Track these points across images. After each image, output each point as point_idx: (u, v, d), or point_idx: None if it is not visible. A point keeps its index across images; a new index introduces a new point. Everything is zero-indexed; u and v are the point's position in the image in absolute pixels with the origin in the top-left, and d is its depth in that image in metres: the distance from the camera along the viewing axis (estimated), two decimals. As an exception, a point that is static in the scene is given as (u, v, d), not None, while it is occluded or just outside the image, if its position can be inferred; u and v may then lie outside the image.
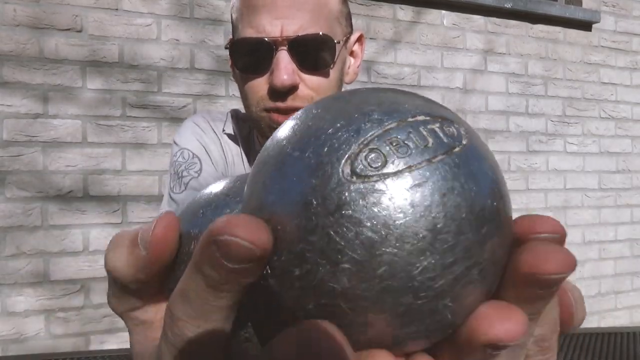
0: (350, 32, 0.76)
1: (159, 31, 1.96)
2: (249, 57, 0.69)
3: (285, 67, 0.66)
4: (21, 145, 1.77)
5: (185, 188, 0.75)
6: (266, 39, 0.66)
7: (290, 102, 0.68)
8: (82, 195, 1.84)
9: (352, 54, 0.78)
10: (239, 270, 0.14)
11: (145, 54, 1.94)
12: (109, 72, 1.89)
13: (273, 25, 0.66)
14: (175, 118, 1.97)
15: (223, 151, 0.80)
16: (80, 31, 1.85)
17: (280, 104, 0.68)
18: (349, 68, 0.77)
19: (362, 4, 2.30)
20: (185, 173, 0.76)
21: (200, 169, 0.76)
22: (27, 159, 1.78)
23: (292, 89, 0.67)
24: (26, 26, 1.78)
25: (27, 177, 1.78)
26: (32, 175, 1.78)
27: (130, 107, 1.92)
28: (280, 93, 0.67)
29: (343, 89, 0.77)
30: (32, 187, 1.78)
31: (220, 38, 2.05)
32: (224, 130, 0.81)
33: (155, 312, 0.21)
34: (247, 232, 0.14)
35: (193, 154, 0.78)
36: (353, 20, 0.79)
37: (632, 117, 2.94)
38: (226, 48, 0.74)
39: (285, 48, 0.66)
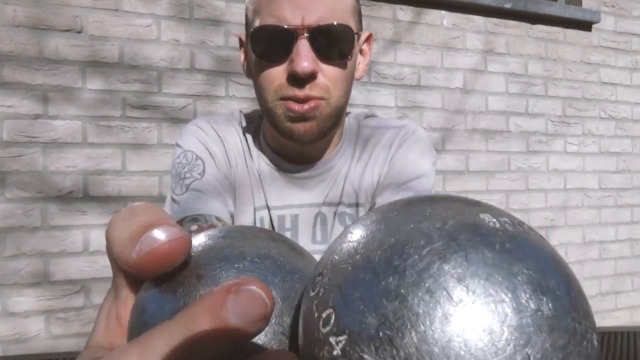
0: (361, 30, 0.77)
1: (158, 32, 1.96)
2: (269, 44, 0.70)
3: (306, 54, 0.67)
4: (21, 145, 1.77)
5: (187, 190, 0.75)
6: (287, 27, 0.68)
7: (307, 91, 0.69)
8: (83, 196, 1.84)
9: (361, 51, 0.80)
10: (234, 331, 0.15)
11: (145, 55, 1.94)
12: (109, 72, 1.89)
13: (295, 15, 0.68)
14: (176, 119, 1.97)
15: (226, 153, 0.80)
16: (80, 32, 1.85)
17: (298, 92, 0.69)
18: (358, 64, 0.79)
19: (362, 4, 2.30)
20: (187, 175, 0.76)
21: (204, 171, 0.77)
22: (27, 160, 1.78)
23: (311, 76, 0.69)
24: (26, 26, 1.78)
25: (27, 177, 1.78)
26: (32, 176, 1.78)
27: (131, 108, 1.92)
28: (299, 80, 0.68)
29: (353, 84, 0.78)
30: (32, 188, 1.78)
31: (220, 38, 2.05)
32: (240, 124, 0.83)
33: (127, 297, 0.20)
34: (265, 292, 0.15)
35: (196, 155, 0.78)
36: None
37: (632, 117, 2.94)
38: (248, 35, 0.74)
39: (305, 37, 0.68)
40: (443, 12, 2.48)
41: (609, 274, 2.84)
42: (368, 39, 0.80)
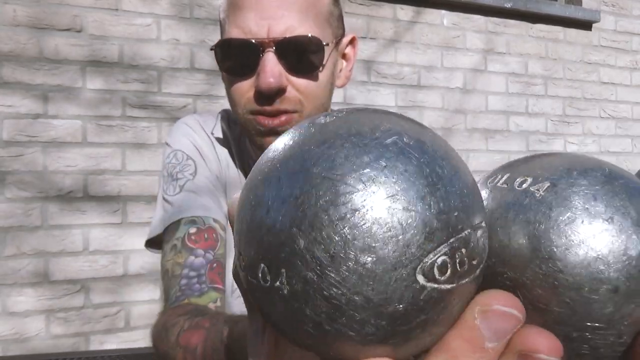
0: (342, 34, 0.74)
1: (159, 31, 1.96)
2: (235, 58, 0.66)
3: (271, 69, 0.63)
4: (21, 145, 1.77)
5: (181, 190, 0.73)
6: (252, 41, 0.64)
7: (277, 105, 0.65)
8: (82, 196, 1.84)
9: (344, 56, 0.75)
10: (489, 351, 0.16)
11: (145, 54, 1.94)
12: (109, 72, 1.89)
13: (260, 26, 0.64)
14: (176, 118, 1.97)
15: (216, 152, 0.78)
16: (80, 31, 1.85)
17: (267, 107, 0.65)
18: (340, 71, 0.75)
19: (362, 4, 2.29)
20: (180, 175, 0.74)
21: (195, 171, 0.75)
22: (27, 159, 1.78)
23: (280, 91, 0.65)
24: (26, 26, 1.78)
25: (27, 177, 1.78)
26: (32, 175, 1.78)
27: (131, 107, 1.92)
28: (266, 96, 0.65)
29: (334, 93, 0.75)
30: (32, 187, 1.78)
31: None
32: (212, 134, 0.79)
33: None
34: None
35: (187, 155, 0.76)
36: (353, 20, 0.78)
37: (632, 117, 2.94)
38: (211, 49, 0.72)
39: (272, 50, 0.64)
40: (443, 11, 2.48)
41: (609, 274, 2.83)
42: (352, 42, 0.76)
